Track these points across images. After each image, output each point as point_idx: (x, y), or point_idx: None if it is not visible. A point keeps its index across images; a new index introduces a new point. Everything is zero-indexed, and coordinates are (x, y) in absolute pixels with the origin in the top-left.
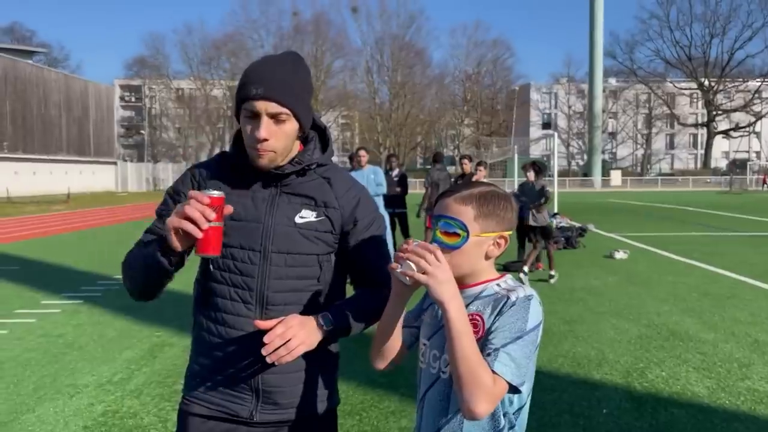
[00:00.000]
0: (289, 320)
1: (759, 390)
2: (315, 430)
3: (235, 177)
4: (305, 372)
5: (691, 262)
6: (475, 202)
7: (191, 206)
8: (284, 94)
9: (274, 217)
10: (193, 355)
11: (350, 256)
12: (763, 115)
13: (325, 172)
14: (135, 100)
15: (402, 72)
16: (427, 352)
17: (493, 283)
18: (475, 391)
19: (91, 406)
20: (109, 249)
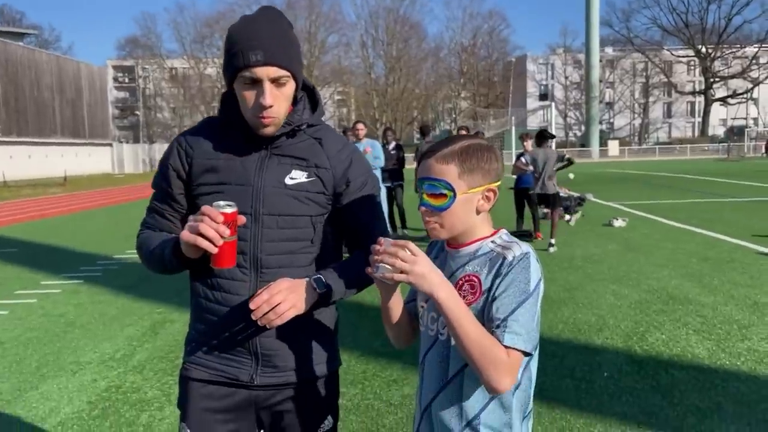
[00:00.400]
0: (277, 285)
1: (759, 350)
2: (316, 392)
3: (222, 141)
4: (304, 334)
5: (690, 228)
6: (457, 159)
7: (205, 224)
8: (283, 57)
9: (264, 179)
10: (192, 322)
11: (343, 217)
12: (760, 81)
13: (316, 133)
14: (128, 80)
15: (397, 46)
16: (425, 314)
17: (487, 241)
18: (492, 369)
19: (95, 382)
20: (108, 230)
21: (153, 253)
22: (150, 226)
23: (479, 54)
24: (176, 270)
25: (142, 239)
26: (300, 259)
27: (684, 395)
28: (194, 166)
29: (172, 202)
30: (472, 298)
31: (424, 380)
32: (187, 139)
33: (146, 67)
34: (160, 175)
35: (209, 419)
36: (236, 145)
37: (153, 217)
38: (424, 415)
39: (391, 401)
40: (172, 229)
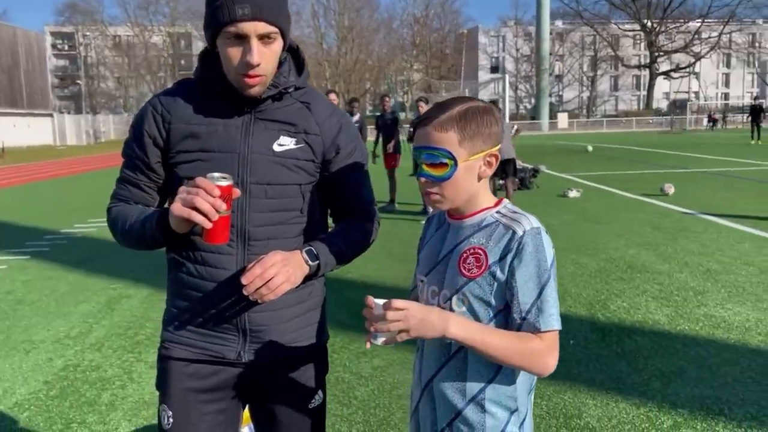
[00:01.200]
0: (270, 258)
1: (715, 315)
2: (305, 368)
3: (202, 104)
4: (294, 309)
5: (641, 198)
6: (456, 126)
7: (201, 197)
8: (272, 11)
9: (250, 145)
10: (171, 298)
11: (332, 185)
12: (702, 56)
13: (303, 96)
14: (68, 48)
15: (349, 16)
16: (425, 288)
17: (492, 211)
18: (534, 362)
19: (50, 361)
20: (53, 203)
21: (131, 228)
22: (123, 199)
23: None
24: (158, 246)
25: (116, 213)
26: (289, 230)
27: (648, 360)
28: (172, 132)
29: (149, 172)
30: (477, 272)
31: (423, 356)
32: (163, 102)
33: (87, 34)
34: (133, 143)
35: (192, 399)
36: (218, 108)
37: (126, 188)
38: (424, 391)
39: (361, 373)
40: (148, 200)
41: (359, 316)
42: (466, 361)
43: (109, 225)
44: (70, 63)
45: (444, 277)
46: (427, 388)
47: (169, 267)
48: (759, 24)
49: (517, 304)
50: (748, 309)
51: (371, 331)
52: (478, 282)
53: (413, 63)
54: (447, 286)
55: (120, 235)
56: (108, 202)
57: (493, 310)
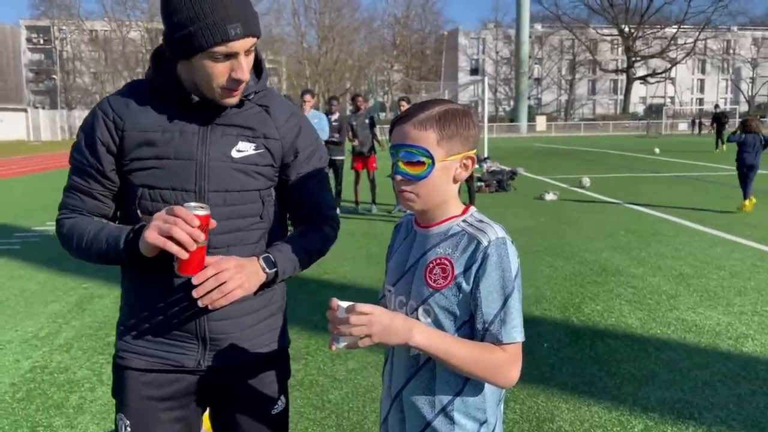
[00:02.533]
0: (225, 261)
1: (687, 319)
2: (267, 373)
3: (156, 109)
4: (254, 315)
5: (616, 201)
6: (435, 125)
7: (179, 227)
8: (256, 23)
9: (208, 152)
10: (126, 307)
11: (290, 189)
12: (677, 62)
13: (261, 99)
14: (44, 42)
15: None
16: (392, 298)
17: (458, 220)
18: (496, 374)
19: (17, 362)
20: (25, 200)
21: (91, 244)
22: (76, 209)
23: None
24: (120, 264)
25: (71, 226)
26: (249, 236)
27: (620, 364)
28: (126, 139)
29: (104, 180)
30: (443, 283)
31: (393, 367)
32: (114, 107)
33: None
34: (86, 150)
35: (150, 408)
36: (173, 114)
37: (78, 197)
38: (394, 402)
39: (335, 376)
40: (103, 209)
41: None
42: (434, 372)
43: (62, 238)
44: (46, 57)
45: (411, 288)
46: (397, 399)
47: (123, 275)
48: (734, 31)
49: (481, 314)
50: (719, 313)
51: (334, 334)
52: (444, 293)
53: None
54: (413, 296)
55: (76, 251)
56: (57, 213)
57: (459, 322)
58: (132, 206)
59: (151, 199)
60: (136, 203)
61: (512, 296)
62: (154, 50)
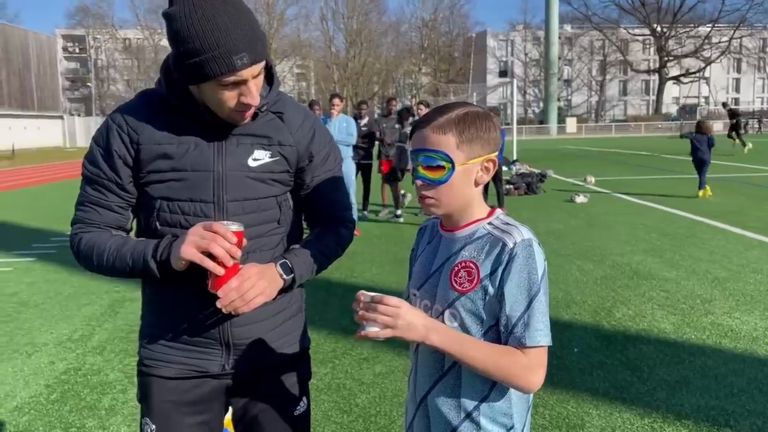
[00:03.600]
0: (245, 270)
1: (722, 324)
2: (289, 375)
3: (170, 122)
4: (275, 318)
5: (649, 204)
6: (454, 128)
7: (217, 243)
8: (263, 48)
9: (225, 163)
10: (148, 316)
11: (305, 192)
12: (712, 61)
13: (274, 106)
14: (79, 50)
15: (358, 19)
16: (417, 302)
17: (484, 223)
18: (517, 378)
19: (52, 364)
20: (61, 205)
21: (114, 260)
22: (92, 223)
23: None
24: (145, 278)
25: (88, 241)
26: (268, 242)
27: (653, 370)
28: (142, 152)
29: (122, 192)
30: (469, 286)
31: (418, 371)
32: (127, 120)
33: (98, 37)
34: (103, 163)
35: (175, 412)
36: (187, 126)
37: (94, 211)
38: (419, 407)
39: (362, 380)
40: (121, 222)
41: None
42: (460, 377)
43: (79, 254)
44: (81, 65)
45: (436, 291)
46: (422, 405)
47: (144, 283)
48: None
49: (505, 316)
50: (756, 318)
51: (360, 321)
52: (470, 296)
53: (421, 66)
54: (439, 300)
55: (97, 268)
56: (71, 229)
57: (485, 326)
58: (150, 218)
59: (170, 211)
60: (155, 215)
61: (537, 298)
62: (164, 63)
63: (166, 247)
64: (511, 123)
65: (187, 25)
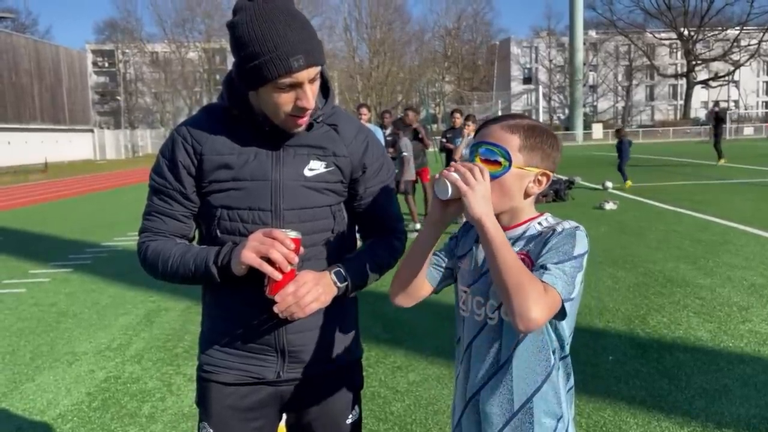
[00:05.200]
0: (302, 277)
1: (761, 332)
2: (342, 383)
3: (231, 133)
4: (329, 327)
5: (680, 210)
6: (522, 132)
7: (275, 249)
8: (319, 53)
9: (282, 173)
10: (208, 322)
11: (359, 203)
12: (741, 64)
13: (329, 118)
14: (108, 65)
15: (381, 29)
16: (469, 299)
17: (534, 222)
18: (525, 297)
19: (92, 372)
20: (94, 217)
21: (178, 267)
22: (158, 232)
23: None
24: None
25: (155, 249)
26: (322, 251)
27: (690, 378)
28: (204, 162)
29: (186, 201)
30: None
31: (471, 368)
32: (191, 132)
33: (126, 51)
34: (168, 174)
35: (232, 417)
36: (246, 137)
37: (160, 220)
38: (468, 404)
39: (397, 388)
40: (185, 230)
41: (394, 329)
42: (511, 373)
43: (146, 262)
44: (110, 79)
45: (489, 288)
46: (472, 401)
47: (204, 290)
48: None
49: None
50: None
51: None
52: None
53: (445, 75)
54: (493, 295)
55: (161, 274)
56: (139, 238)
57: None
58: (211, 226)
59: (229, 219)
60: (215, 223)
61: (571, 263)
62: (226, 76)
63: (227, 253)
64: None
65: (247, 31)
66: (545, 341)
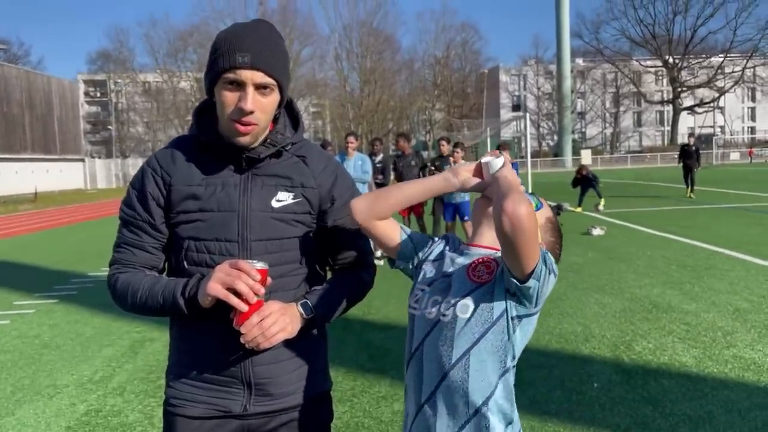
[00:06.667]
0: (267, 307)
1: (745, 357)
2: (311, 416)
3: (199, 164)
4: (297, 359)
5: (666, 235)
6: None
7: (241, 281)
8: (272, 63)
9: (249, 204)
10: (175, 355)
11: (328, 235)
12: (726, 91)
13: (299, 150)
14: (100, 95)
15: (371, 58)
16: (424, 297)
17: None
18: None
19: (73, 406)
20: (82, 247)
21: (146, 299)
22: (127, 264)
23: (453, 66)
24: (174, 315)
25: (123, 282)
26: (290, 282)
27: (675, 405)
28: (173, 193)
29: (155, 233)
30: (488, 278)
31: (424, 368)
32: (161, 163)
33: (118, 81)
34: (138, 205)
35: None
36: (215, 167)
37: (129, 252)
38: (426, 404)
39: (381, 418)
40: (154, 262)
41: (380, 359)
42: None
43: (116, 294)
44: (102, 109)
45: (450, 285)
46: (430, 401)
47: (171, 323)
48: None
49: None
50: None
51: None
52: (487, 288)
53: (435, 103)
54: (453, 293)
55: (131, 306)
56: (109, 270)
57: (496, 316)
58: (179, 257)
59: (196, 250)
60: (182, 254)
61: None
62: (196, 107)
63: (195, 284)
64: (526, 156)
65: (223, 30)
66: (503, 342)
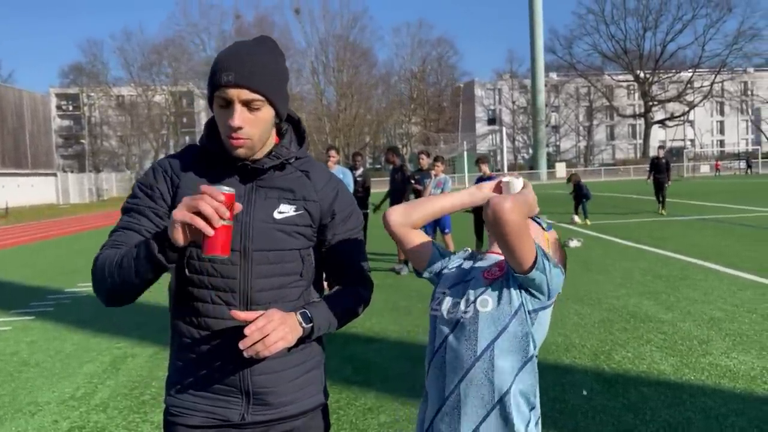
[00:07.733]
0: (270, 314)
1: (721, 365)
2: (308, 427)
3: (207, 172)
4: (295, 370)
5: (641, 247)
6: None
7: (205, 201)
8: (256, 80)
9: (252, 214)
10: (175, 363)
11: (328, 249)
12: (695, 105)
13: (302, 165)
14: (73, 108)
15: (348, 72)
16: (445, 299)
17: None
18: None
19: (56, 423)
20: (57, 263)
21: (121, 262)
22: (117, 244)
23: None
24: (149, 274)
25: (106, 256)
26: (290, 294)
27: (655, 412)
28: (179, 196)
29: (157, 219)
30: (500, 274)
31: (447, 363)
32: (172, 165)
33: (91, 95)
34: (142, 194)
35: None
36: (221, 177)
37: (123, 233)
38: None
39: (367, 430)
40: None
41: (364, 371)
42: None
43: (95, 268)
44: (75, 123)
45: (468, 287)
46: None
47: (172, 333)
48: (750, 72)
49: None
50: (753, 357)
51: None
52: (498, 284)
53: (411, 116)
54: (471, 292)
55: (109, 276)
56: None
57: (515, 307)
58: (181, 265)
59: (198, 259)
60: (185, 262)
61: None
62: (209, 119)
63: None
64: (502, 169)
65: (222, 50)
66: (524, 331)
